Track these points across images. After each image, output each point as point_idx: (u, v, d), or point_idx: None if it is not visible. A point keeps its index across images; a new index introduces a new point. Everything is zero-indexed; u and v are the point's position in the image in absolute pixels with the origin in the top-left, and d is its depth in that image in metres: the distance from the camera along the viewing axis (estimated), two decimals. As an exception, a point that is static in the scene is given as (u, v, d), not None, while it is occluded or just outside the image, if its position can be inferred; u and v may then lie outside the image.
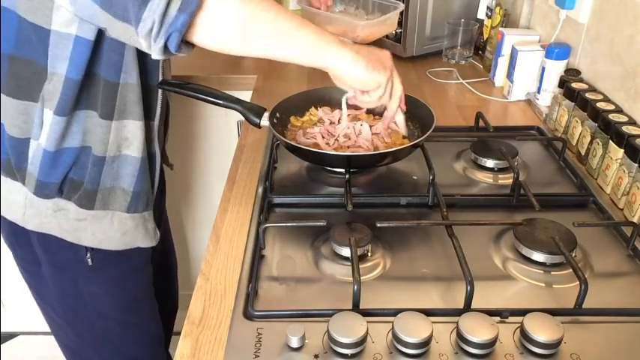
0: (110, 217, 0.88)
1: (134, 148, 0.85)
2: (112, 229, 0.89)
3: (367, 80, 0.80)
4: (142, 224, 0.91)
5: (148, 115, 0.87)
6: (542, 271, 0.77)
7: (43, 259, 0.93)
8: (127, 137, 0.85)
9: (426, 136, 0.92)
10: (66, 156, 0.83)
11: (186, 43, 0.70)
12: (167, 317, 1.21)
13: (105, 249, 0.90)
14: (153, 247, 0.95)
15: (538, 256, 0.78)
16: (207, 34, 0.70)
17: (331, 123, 1.02)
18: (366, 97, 0.85)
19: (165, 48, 0.68)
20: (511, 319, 0.68)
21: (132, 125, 0.84)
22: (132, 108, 0.83)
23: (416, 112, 1.03)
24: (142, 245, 0.93)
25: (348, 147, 0.95)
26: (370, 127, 0.99)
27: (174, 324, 1.32)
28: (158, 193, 0.96)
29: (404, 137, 1.00)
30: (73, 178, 0.85)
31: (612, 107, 0.99)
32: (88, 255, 0.90)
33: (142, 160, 0.87)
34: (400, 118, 0.94)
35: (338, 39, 0.78)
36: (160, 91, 0.88)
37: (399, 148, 0.90)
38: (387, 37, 1.52)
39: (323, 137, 0.98)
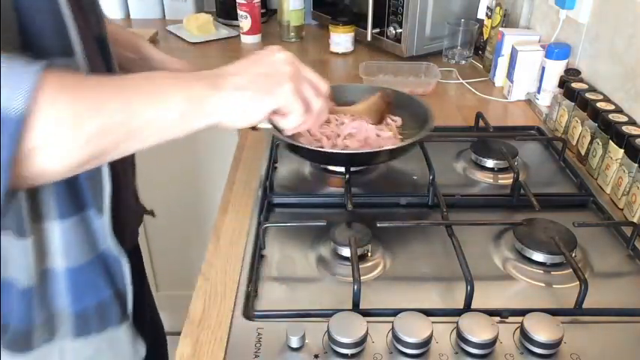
0: (58, 350, 0.64)
1: (57, 258, 0.61)
2: None
3: (267, 107, 0.59)
4: (106, 346, 0.67)
5: (83, 205, 0.61)
6: (542, 271, 0.77)
7: None
8: (45, 247, 0.60)
9: (423, 135, 0.91)
10: None
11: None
12: None
13: None
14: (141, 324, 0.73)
15: (538, 256, 0.78)
16: (45, 179, 0.51)
17: (327, 122, 1.02)
18: (284, 122, 0.64)
19: None
20: (511, 319, 0.67)
21: (52, 231, 0.60)
22: (49, 205, 0.58)
23: (413, 111, 1.03)
24: None
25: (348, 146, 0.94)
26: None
27: None
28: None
29: (400, 134, 0.99)
30: None
31: (612, 107, 0.99)
32: None
33: (69, 272, 0.62)
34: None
35: (204, 80, 0.57)
36: (105, 168, 0.61)
37: (399, 145, 0.90)
38: (387, 37, 1.52)
39: (328, 138, 0.97)
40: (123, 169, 0.67)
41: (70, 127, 0.48)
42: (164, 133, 0.54)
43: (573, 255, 0.76)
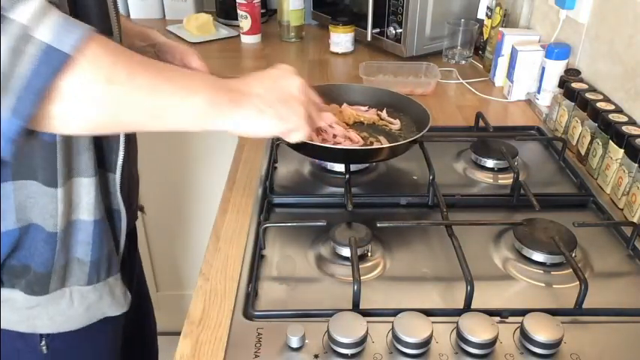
0: (68, 295, 0.73)
1: (84, 211, 0.70)
2: (73, 308, 0.73)
3: (278, 129, 0.66)
4: (107, 292, 0.76)
5: (103, 165, 0.72)
6: (542, 271, 0.77)
7: None
8: (74, 200, 0.69)
9: (423, 133, 0.91)
10: None
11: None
12: None
13: (66, 331, 0.74)
14: (125, 315, 0.81)
15: (538, 256, 0.78)
16: (60, 127, 0.53)
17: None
18: (289, 137, 0.70)
19: None
20: (511, 319, 0.68)
21: (80, 186, 0.69)
22: (80, 163, 0.67)
23: (412, 113, 1.02)
24: (110, 314, 0.78)
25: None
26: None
27: None
28: (125, 251, 0.81)
29: (399, 134, 0.99)
30: (13, 264, 0.69)
31: (612, 107, 0.99)
32: (43, 342, 0.74)
33: (94, 224, 0.71)
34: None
35: (230, 92, 0.62)
36: (122, 135, 0.71)
37: (400, 143, 0.90)
38: (387, 37, 1.52)
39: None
40: (127, 139, 0.74)
41: (101, 86, 0.52)
42: (178, 124, 0.59)
43: (573, 255, 0.76)
